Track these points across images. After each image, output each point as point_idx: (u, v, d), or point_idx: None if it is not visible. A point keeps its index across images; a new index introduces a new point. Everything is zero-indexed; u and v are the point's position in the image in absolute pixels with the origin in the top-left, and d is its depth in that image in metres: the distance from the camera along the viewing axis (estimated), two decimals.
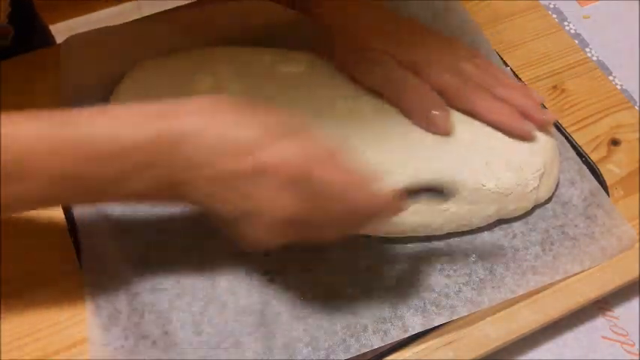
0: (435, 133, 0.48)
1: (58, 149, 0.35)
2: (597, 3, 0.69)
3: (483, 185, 0.47)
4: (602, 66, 0.63)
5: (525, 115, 0.49)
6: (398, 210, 0.40)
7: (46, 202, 0.38)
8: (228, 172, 0.36)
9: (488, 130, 0.50)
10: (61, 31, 0.77)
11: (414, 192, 0.42)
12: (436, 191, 0.42)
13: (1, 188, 0.34)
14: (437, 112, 0.47)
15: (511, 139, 0.49)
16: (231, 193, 0.37)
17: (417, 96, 0.48)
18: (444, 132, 0.48)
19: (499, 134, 0.50)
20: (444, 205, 0.47)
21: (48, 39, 0.75)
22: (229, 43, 0.55)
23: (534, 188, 0.49)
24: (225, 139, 0.36)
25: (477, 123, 0.50)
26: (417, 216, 0.47)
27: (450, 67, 0.49)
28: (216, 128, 0.36)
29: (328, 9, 0.50)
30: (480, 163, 0.48)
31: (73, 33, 0.59)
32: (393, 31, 0.49)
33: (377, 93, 0.50)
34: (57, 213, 0.49)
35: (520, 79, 0.59)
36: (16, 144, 0.34)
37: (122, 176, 0.36)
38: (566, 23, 0.67)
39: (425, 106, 0.47)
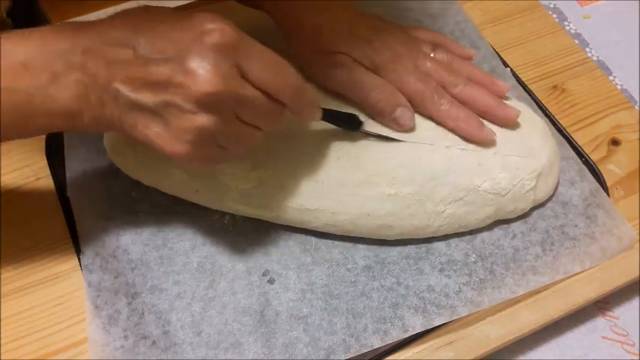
0: (400, 131, 0.48)
1: None
2: (597, 3, 0.69)
3: (478, 186, 0.47)
4: (602, 66, 0.63)
5: (487, 114, 0.49)
6: (314, 111, 0.43)
7: None
8: (151, 51, 0.36)
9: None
10: None
11: (332, 116, 0.46)
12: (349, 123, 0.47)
13: None
14: (401, 111, 0.48)
15: (507, 140, 0.49)
16: (154, 77, 0.36)
17: (382, 96, 0.48)
18: (409, 130, 0.48)
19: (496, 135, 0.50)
20: (441, 207, 0.47)
21: None
22: None
23: (531, 189, 0.48)
24: (143, 27, 0.36)
25: None
26: (415, 219, 0.47)
27: (411, 69, 0.49)
28: (132, 24, 0.37)
29: (286, 7, 0.49)
30: (473, 163, 0.48)
31: None
32: (353, 33, 0.49)
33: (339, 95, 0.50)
34: (57, 213, 0.49)
35: (520, 79, 0.59)
36: None
37: (45, 83, 0.36)
38: (566, 23, 0.67)
39: (391, 106, 0.48)
